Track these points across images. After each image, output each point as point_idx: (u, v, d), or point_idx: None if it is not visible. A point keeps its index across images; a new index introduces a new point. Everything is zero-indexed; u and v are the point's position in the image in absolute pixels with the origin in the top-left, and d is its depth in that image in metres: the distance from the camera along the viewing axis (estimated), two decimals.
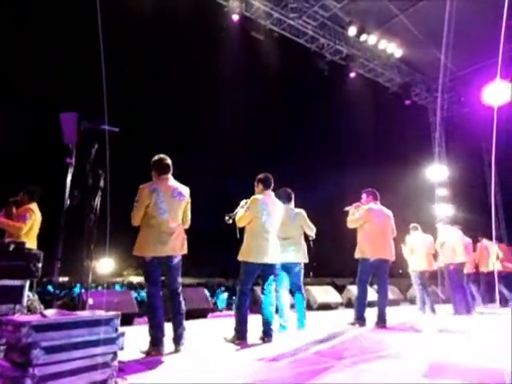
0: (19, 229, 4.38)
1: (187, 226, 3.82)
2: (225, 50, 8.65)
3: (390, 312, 5.51)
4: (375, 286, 5.78)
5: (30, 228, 4.47)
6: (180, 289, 3.69)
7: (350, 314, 5.66)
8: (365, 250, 5.25)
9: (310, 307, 7.57)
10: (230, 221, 4.29)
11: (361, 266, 5.30)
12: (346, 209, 5.47)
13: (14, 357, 2.31)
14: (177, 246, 3.62)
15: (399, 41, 10.76)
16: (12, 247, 3.40)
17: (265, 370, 3.08)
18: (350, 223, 5.40)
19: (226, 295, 8.54)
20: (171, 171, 3.76)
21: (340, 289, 8.65)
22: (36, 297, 3.80)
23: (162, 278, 3.67)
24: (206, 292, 6.45)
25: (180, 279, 3.71)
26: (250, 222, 4.12)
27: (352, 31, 10.07)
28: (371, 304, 5.58)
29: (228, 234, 4.32)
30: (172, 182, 3.73)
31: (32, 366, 2.20)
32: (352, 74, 11.08)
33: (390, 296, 7.13)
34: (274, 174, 4.37)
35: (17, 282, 3.41)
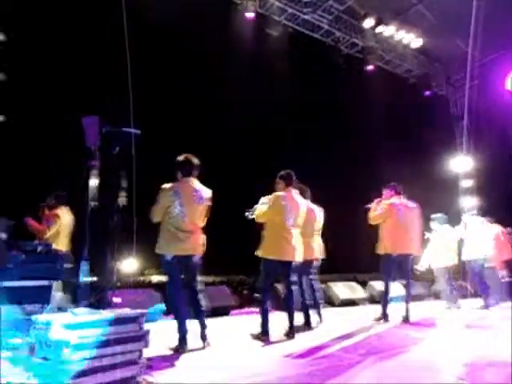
0: (43, 232, 4.56)
1: (202, 224, 3.85)
2: (239, 48, 8.66)
3: (415, 307, 5.43)
4: (401, 281, 5.70)
5: (57, 231, 4.63)
6: (199, 287, 3.73)
7: (374, 309, 5.61)
8: (387, 245, 5.18)
9: (332, 303, 7.51)
10: (251, 216, 4.31)
11: (383, 261, 5.23)
12: (368, 206, 5.41)
13: (45, 354, 2.38)
14: (196, 246, 3.68)
15: (417, 31, 10.51)
16: (40, 249, 3.51)
17: (291, 366, 3.08)
18: (372, 219, 5.33)
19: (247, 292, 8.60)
20: (196, 172, 3.74)
21: (362, 284, 8.55)
22: (66, 296, 3.92)
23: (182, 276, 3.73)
24: (227, 289, 6.50)
25: (199, 278, 3.75)
26: (271, 219, 4.12)
27: (368, 23, 9.90)
28: (396, 299, 5.50)
29: (249, 231, 4.34)
30: (195, 183, 3.72)
31: (63, 362, 2.27)
32: (369, 67, 10.90)
33: (415, 291, 7.00)
34: (292, 170, 4.36)
35: (45, 283, 3.52)
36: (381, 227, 5.31)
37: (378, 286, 8.25)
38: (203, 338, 3.61)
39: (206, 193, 3.78)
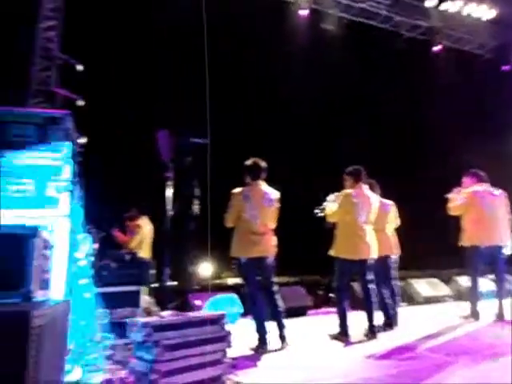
0: (127, 242, 4.96)
1: (273, 226, 3.90)
2: (297, 47, 8.63)
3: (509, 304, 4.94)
4: (491, 276, 5.23)
5: (140, 240, 5.02)
6: (276, 288, 3.79)
7: (460, 307, 5.21)
8: (472, 236, 4.79)
9: (413, 301, 7.13)
10: (320, 214, 4.27)
11: (469, 254, 4.83)
12: (448, 196, 5.04)
13: (141, 354, 2.59)
14: (268, 248, 3.76)
15: (489, 0, 9.61)
16: (127, 257, 3.83)
17: (375, 367, 2.99)
18: (452, 210, 4.96)
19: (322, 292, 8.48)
20: (264, 175, 3.83)
21: (446, 281, 7.98)
22: (153, 300, 4.22)
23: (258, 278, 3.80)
24: (303, 290, 6.47)
25: (274, 278, 3.81)
26: (343, 218, 4.04)
27: (431, 2, 9.28)
28: (487, 295, 5.07)
29: (321, 230, 4.30)
30: (264, 186, 3.81)
31: (157, 362, 2.44)
32: (436, 48, 10.20)
33: (509, 286, 6.37)
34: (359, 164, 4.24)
35: (133, 288, 3.83)
36: (463, 218, 4.92)
37: (463, 281, 7.67)
38: (282, 338, 3.65)
39: (275, 195, 3.85)
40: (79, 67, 7.04)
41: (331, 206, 4.14)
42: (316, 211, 4.33)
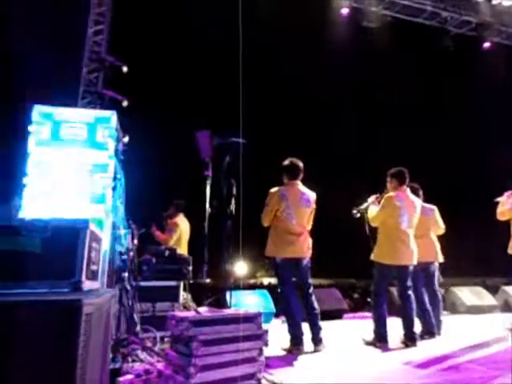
0: (166, 240, 5.08)
1: (309, 228, 3.88)
2: (339, 46, 8.51)
3: None
4: None
5: (178, 238, 5.13)
6: (311, 289, 3.75)
7: (508, 318, 4.92)
8: None
9: (455, 311, 6.82)
10: (358, 215, 4.19)
11: None
12: (498, 199, 4.77)
13: (178, 347, 2.65)
14: (304, 249, 3.73)
15: None
16: (167, 253, 3.94)
17: (412, 375, 2.89)
18: (501, 214, 4.69)
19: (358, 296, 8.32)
20: (301, 176, 3.83)
21: (492, 290, 7.56)
22: (189, 296, 4.32)
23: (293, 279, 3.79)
24: (339, 293, 6.37)
25: (310, 280, 3.78)
26: (385, 221, 3.94)
27: None
28: None
29: (358, 233, 4.22)
30: (301, 187, 3.81)
31: (194, 356, 2.49)
32: (486, 45, 9.69)
33: None
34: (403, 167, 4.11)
35: (173, 283, 3.94)
36: None
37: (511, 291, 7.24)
38: (318, 340, 3.61)
39: (312, 195, 3.83)
40: (125, 69, 7.34)
41: (373, 209, 4.05)
42: (354, 211, 4.25)
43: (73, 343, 1.26)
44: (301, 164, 3.84)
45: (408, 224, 3.94)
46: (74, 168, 2.96)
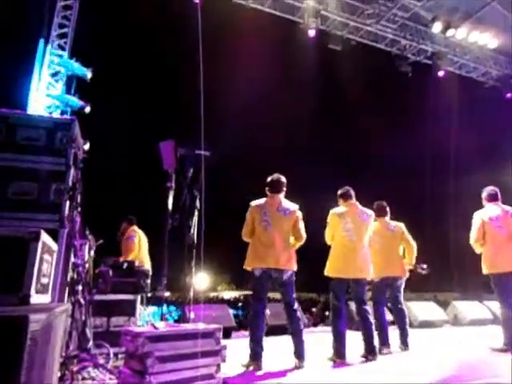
0: (131, 249, 4.89)
1: (302, 241, 3.82)
2: (304, 67, 8.78)
3: None
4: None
5: (138, 249, 4.97)
6: (296, 304, 3.71)
7: (457, 332, 5.12)
8: (494, 262, 4.31)
9: (410, 324, 7.03)
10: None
11: (495, 281, 4.33)
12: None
13: (132, 364, 2.56)
14: (283, 260, 3.61)
15: (494, 30, 9.80)
16: (125, 265, 3.82)
17: None
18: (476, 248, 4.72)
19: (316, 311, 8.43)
20: (284, 190, 3.84)
21: (443, 305, 7.90)
22: (147, 310, 4.19)
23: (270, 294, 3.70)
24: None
25: (294, 295, 3.72)
26: (334, 237, 4.05)
27: (437, 28, 9.46)
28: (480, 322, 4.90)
29: (321, 249, 4.28)
30: (281, 199, 3.81)
31: (148, 373, 2.41)
32: (440, 73, 10.35)
33: None
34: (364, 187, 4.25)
35: (130, 297, 3.80)
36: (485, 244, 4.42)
37: (461, 306, 7.59)
38: (300, 356, 3.55)
39: (292, 206, 3.80)
40: (88, 75, 7.16)
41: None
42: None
43: (15, 363, 1.18)
44: (283, 179, 3.86)
45: (357, 237, 4.01)
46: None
